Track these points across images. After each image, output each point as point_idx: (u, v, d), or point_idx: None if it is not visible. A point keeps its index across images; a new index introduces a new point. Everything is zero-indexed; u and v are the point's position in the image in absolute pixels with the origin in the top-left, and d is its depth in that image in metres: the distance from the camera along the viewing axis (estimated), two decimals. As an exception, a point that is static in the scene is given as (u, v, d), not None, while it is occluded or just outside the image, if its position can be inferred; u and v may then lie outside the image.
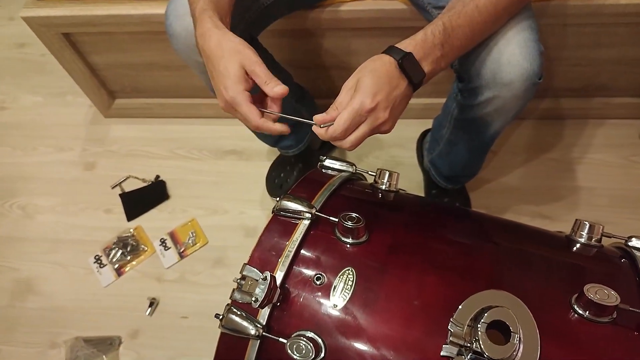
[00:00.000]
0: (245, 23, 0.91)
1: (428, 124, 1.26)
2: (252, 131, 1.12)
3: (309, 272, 0.62)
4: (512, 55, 0.74)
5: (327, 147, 1.37)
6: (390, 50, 0.66)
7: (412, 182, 1.34)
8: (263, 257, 0.64)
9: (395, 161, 1.37)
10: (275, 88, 0.65)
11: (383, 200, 0.76)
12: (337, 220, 0.64)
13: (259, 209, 1.33)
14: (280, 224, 0.67)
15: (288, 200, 0.67)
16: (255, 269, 0.62)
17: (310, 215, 0.66)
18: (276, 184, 1.33)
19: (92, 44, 1.27)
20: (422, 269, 0.62)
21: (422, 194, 1.31)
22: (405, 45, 0.66)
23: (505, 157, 1.36)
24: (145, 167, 1.42)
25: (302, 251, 0.64)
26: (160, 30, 0.90)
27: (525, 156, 1.35)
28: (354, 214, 0.64)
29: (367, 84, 0.63)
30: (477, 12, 0.69)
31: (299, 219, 0.66)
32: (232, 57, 0.65)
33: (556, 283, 0.61)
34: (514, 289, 0.58)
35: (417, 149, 1.35)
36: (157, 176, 1.40)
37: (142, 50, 1.27)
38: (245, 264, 0.63)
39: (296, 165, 1.32)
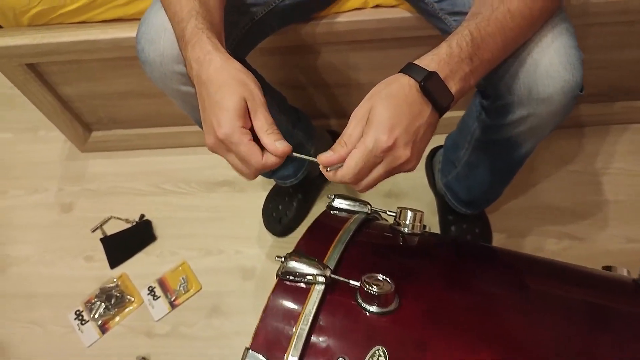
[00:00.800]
0: (232, 42, 0.79)
1: (437, 140, 1.14)
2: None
3: (328, 355, 0.49)
4: (551, 65, 0.63)
5: (327, 173, 1.24)
6: (410, 70, 0.54)
7: (422, 203, 1.22)
8: (269, 338, 0.51)
9: (403, 183, 1.25)
10: (278, 144, 0.54)
11: (409, 248, 0.63)
12: (358, 284, 0.51)
13: (256, 247, 1.20)
14: (288, 291, 0.54)
15: (295, 261, 0.54)
16: (260, 356, 0.49)
17: (324, 279, 0.53)
18: (274, 217, 1.20)
19: (60, 74, 1.14)
20: (472, 343, 0.49)
21: (436, 219, 1.18)
22: (427, 62, 0.54)
23: (522, 173, 1.21)
24: (129, 206, 1.28)
25: (319, 324, 0.51)
26: (134, 55, 0.77)
27: (545, 170, 1.23)
28: (379, 276, 0.51)
29: (382, 115, 0.51)
30: (509, 16, 0.57)
31: (311, 283, 0.53)
32: (234, 88, 0.54)
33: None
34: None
35: (427, 169, 1.22)
36: (142, 215, 1.26)
37: (116, 77, 1.15)
38: (247, 349, 0.50)
39: (295, 195, 1.19)
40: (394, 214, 0.67)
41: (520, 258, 0.66)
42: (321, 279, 0.53)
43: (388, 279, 0.51)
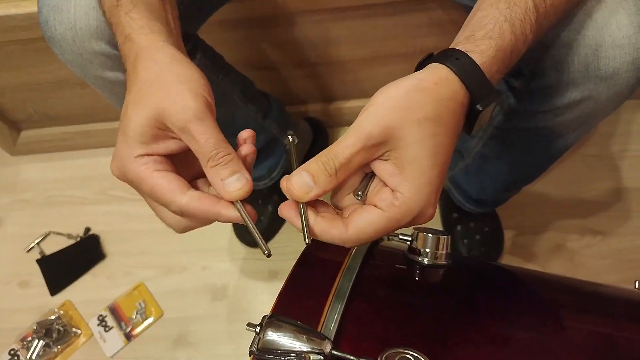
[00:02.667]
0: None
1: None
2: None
3: None
4: (618, 29, 0.46)
5: (308, 169, 1.05)
6: (462, 67, 0.35)
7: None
8: None
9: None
10: (233, 183, 0.35)
11: (436, 289, 0.46)
12: (375, 366, 0.34)
13: (227, 261, 1.01)
14: (268, 376, 0.36)
15: (276, 332, 0.36)
16: None
17: (322, 359, 0.35)
18: (247, 224, 1.01)
19: (-31, 62, 0.92)
20: None
21: (437, 218, 1.01)
22: (489, 55, 0.35)
23: (531, 158, 1.08)
24: (71, 218, 1.08)
25: None
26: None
27: (557, 155, 1.08)
28: (408, 353, 0.34)
29: (426, 168, 0.33)
30: None
31: (302, 364, 0.35)
32: (145, 96, 0.35)
33: None
34: None
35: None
36: (87, 229, 1.06)
37: (43, 64, 0.93)
38: None
39: (270, 198, 1.00)
40: (408, 238, 0.49)
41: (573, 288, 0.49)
42: (317, 357, 0.35)
43: (422, 356, 0.34)
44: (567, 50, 0.47)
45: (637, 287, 0.53)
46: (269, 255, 0.34)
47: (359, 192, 0.35)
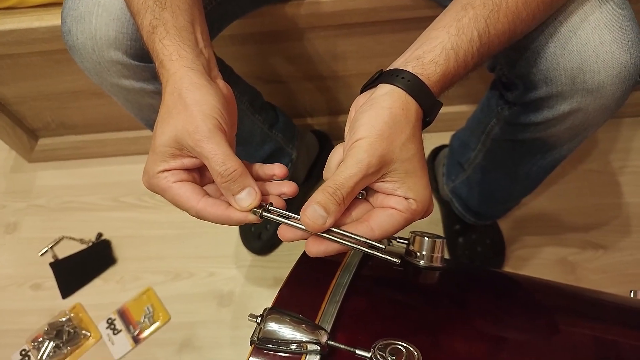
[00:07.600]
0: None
1: (442, 138, 1.00)
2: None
3: None
4: (602, 45, 0.48)
5: (313, 180, 1.08)
6: (415, 88, 0.39)
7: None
8: None
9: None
10: (245, 198, 0.40)
11: (430, 290, 0.48)
12: (368, 355, 0.36)
13: (233, 268, 1.03)
14: (267, 364, 0.38)
15: (277, 322, 0.38)
16: None
17: (318, 349, 0.37)
18: (253, 232, 1.04)
19: (-7, 72, 0.96)
20: None
21: (440, 229, 1.03)
22: (435, 80, 0.40)
23: (533, 173, 1.10)
24: (84, 224, 1.11)
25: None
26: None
27: (559, 170, 1.09)
28: (399, 343, 0.36)
29: (420, 170, 0.39)
30: (522, 4, 0.43)
31: (300, 353, 0.38)
32: (168, 120, 0.40)
33: None
34: None
35: (428, 172, 1.07)
36: (99, 234, 1.09)
37: (61, 74, 0.97)
38: None
39: (276, 206, 1.03)
40: (404, 242, 0.51)
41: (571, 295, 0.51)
42: (314, 347, 0.37)
43: (411, 347, 0.36)
44: (555, 65, 0.50)
45: (632, 296, 0.55)
46: None
47: (362, 192, 0.40)
